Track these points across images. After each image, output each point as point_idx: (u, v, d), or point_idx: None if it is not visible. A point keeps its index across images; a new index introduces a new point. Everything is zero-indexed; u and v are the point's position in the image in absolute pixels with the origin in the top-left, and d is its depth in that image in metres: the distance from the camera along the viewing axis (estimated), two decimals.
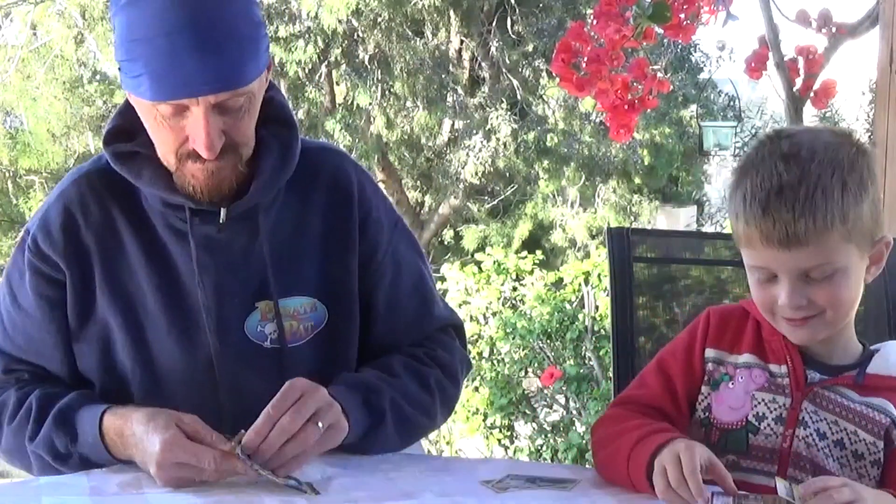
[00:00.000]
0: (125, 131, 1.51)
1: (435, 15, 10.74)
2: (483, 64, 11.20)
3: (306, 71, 10.49)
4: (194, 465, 1.32)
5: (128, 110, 1.51)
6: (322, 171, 1.59)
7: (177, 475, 1.34)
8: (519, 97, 11.01)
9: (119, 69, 1.43)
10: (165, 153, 1.46)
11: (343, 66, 10.61)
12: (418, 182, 11.92)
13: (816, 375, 1.40)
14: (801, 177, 1.30)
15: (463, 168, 11.00)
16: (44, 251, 1.52)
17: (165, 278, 1.51)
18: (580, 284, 6.55)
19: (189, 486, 1.34)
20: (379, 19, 10.30)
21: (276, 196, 1.54)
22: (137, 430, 1.38)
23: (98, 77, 10.78)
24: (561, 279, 6.89)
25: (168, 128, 1.41)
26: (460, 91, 10.99)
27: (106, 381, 1.54)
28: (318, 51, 10.20)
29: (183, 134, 1.41)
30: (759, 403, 1.40)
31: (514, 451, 5.79)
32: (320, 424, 1.37)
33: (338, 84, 11.05)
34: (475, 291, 6.88)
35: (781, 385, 1.40)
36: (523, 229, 11.54)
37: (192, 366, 1.51)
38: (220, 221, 1.49)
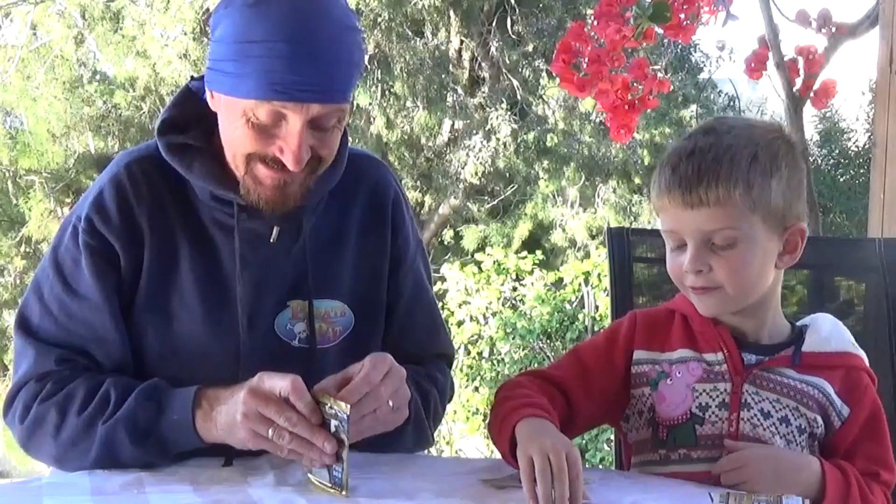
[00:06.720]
0: (178, 123, 1.54)
1: (435, 15, 10.72)
2: (483, 64, 11.19)
3: None
4: (273, 419, 1.31)
5: (183, 103, 1.56)
6: (364, 179, 1.64)
7: (256, 428, 1.33)
8: (519, 97, 11.01)
9: (210, 67, 1.46)
10: (238, 154, 1.47)
11: None
12: (418, 182, 11.90)
13: (753, 357, 1.45)
14: (713, 144, 1.39)
15: (463, 168, 11.00)
16: (100, 232, 1.53)
17: (208, 269, 1.54)
18: (580, 284, 6.56)
19: (263, 447, 1.34)
20: (379, 19, 10.29)
21: (321, 200, 1.58)
22: (236, 392, 1.37)
23: (98, 77, 10.77)
24: (561, 279, 6.89)
25: (256, 131, 1.43)
26: (460, 91, 10.98)
27: (136, 363, 1.55)
28: None
29: (271, 142, 1.44)
30: (701, 394, 1.44)
31: None
32: (391, 403, 1.38)
33: None
34: (475, 291, 6.88)
35: (720, 372, 1.44)
36: (523, 229, 11.53)
37: (219, 356, 1.53)
38: (272, 234, 1.53)
